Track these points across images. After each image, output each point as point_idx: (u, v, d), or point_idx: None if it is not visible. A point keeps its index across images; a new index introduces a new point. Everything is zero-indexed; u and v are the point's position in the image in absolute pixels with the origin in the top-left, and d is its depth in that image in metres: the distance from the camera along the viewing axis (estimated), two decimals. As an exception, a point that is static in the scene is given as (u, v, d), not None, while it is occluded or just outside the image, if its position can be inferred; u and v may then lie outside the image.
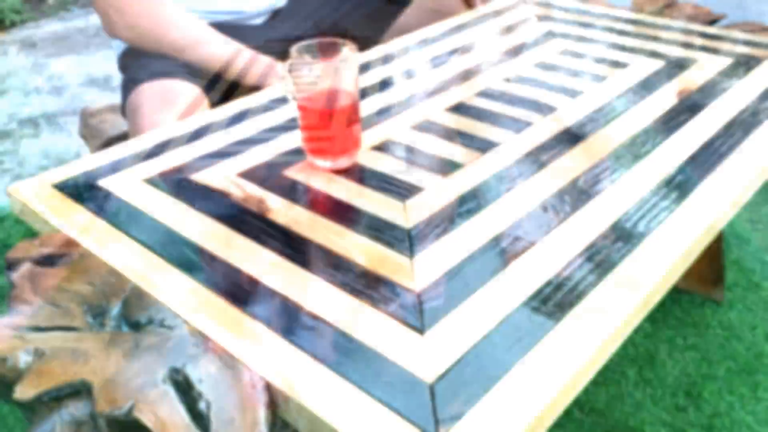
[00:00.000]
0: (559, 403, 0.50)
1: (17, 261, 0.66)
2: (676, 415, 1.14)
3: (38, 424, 0.51)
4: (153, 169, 0.79)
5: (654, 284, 0.59)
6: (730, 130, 0.84)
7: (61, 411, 0.52)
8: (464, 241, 0.65)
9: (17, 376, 0.54)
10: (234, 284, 0.60)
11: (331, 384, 0.49)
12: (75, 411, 0.52)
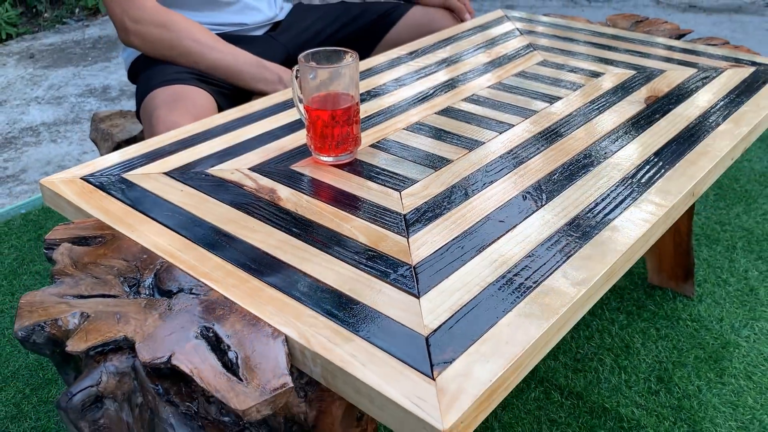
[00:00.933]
0: (531, 356, 0.58)
1: (55, 242, 0.74)
2: (649, 398, 1.23)
3: (87, 375, 0.59)
4: (172, 164, 0.88)
5: (615, 261, 0.68)
6: (691, 130, 0.94)
7: (106, 364, 0.60)
8: (453, 224, 0.74)
9: (66, 335, 0.62)
10: (252, 259, 0.68)
11: (342, 337, 0.58)
12: (118, 364, 0.60)
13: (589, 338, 1.37)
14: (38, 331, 0.62)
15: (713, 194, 1.87)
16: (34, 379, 1.30)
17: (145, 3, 1.16)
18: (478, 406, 0.53)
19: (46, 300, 0.64)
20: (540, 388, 1.25)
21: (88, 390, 0.58)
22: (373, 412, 0.55)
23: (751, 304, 1.45)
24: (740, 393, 1.24)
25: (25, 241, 1.73)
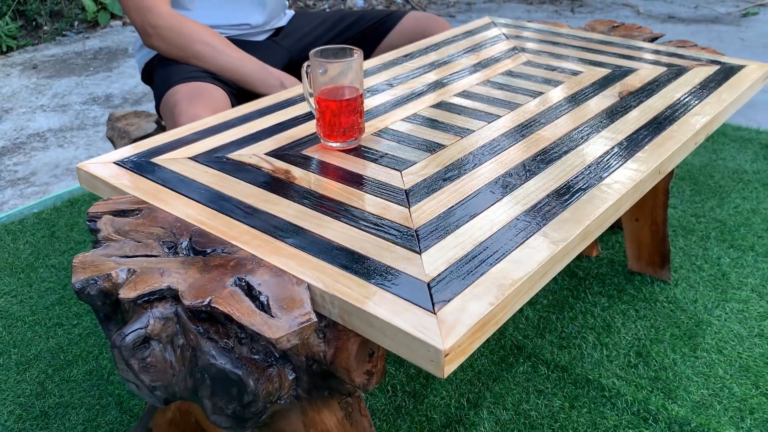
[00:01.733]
0: (516, 297, 0.69)
1: (97, 215, 0.84)
2: (628, 370, 1.33)
3: (136, 319, 0.69)
4: (195, 150, 0.98)
5: (588, 224, 0.79)
6: (658, 120, 1.05)
7: (153, 310, 0.69)
8: (448, 196, 0.84)
9: (115, 288, 0.71)
10: (273, 226, 0.78)
11: (356, 284, 0.68)
12: (163, 310, 0.69)
13: (573, 319, 1.47)
14: (92, 284, 0.71)
15: (689, 190, 1.98)
16: (55, 360, 1.39)
17: (161, 10, 1.27)
18: (472, 335, 0.63)
19: (96, 260, 0.74)
20: (528, 362, 1.35)
21: (137, 332, 0.68)
22: (384, 343, 0.64)
23: (723, 287, 1.56)
24: (712, 365, 1.34)
25: (39, 238, 1.81)
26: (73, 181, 2.14)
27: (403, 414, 1.24)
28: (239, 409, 0.66)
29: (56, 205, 1.97)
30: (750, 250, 1.70)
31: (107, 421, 1.25)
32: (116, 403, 1.29)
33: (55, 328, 1.48)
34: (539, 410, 1.24)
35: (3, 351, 1.42)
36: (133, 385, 0.71)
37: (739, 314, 1.48)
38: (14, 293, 1.60)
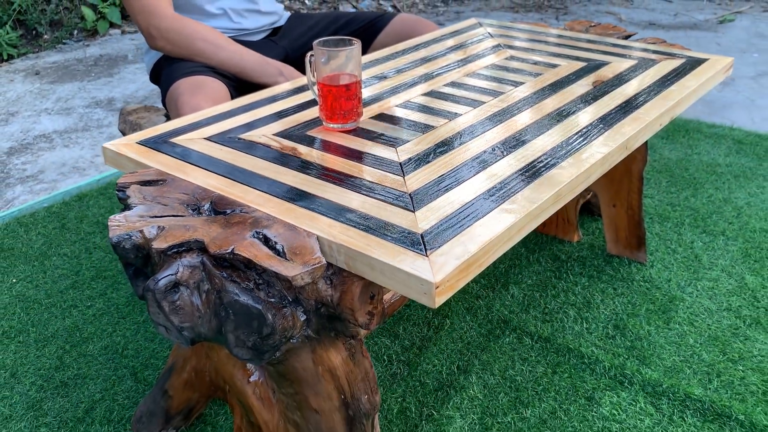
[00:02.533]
0: (497, 245, 0.79)
1: (125, 185, 0.94)
2: (606, 341, 1.44)
3: (167, 267, 0.79)
4: (209, 132, 1.08)
5: (560, 188, 0.89)
6: (629, 104, 1.17)
7: (181, 259, 0.79)
8: (438, 168, 0.95)
9: (147, 243, 0.81)
10: (284, 191, 0.89)
11: (359, 235, 0.78)
12: (191, 260, 0.80)
13: (555, 296, 1.58)
14: (126, 239, 0.81)
15: (666, 181, 2.10)
16: (72, 338, 1.48)
17: (165, 13, 1.37)
18: (458, 273, 0.74)
19: (128, 219, 0.84)
20: (513, 334, 1.46)
21: (168, 278, 0.78)
22: (385, 282, 0.75)
23: (695, 268, 1.68)
24: (683, 335, 1.45)
25: (51, 230, 1.91)
26: (80, 178, 2.23)
27: (399, 380, 1.34)
28: (259, 342, 0.77)
29: (65, 200, 2.07)
30: (721, 234, 1.82)
31: (123, 390, 1.34)
32: (131, 374, 1.38)
33: (70, 310, 1.58)
34: (524, 376, 1.35)
35: (22, 330, 1.51)
36: (163, 327, 0.81)
37: (709, 291, 1.59)
38: (29, 279, 1.69)
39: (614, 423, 1.24)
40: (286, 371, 0.85)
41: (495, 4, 4.42)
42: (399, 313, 1.54)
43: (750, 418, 1.24)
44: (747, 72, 3.08)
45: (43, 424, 1.27)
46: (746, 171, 2.16)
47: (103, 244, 1.83)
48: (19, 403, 1.32)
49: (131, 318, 1.54)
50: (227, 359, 0.94)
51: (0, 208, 2.06)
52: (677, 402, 1.28)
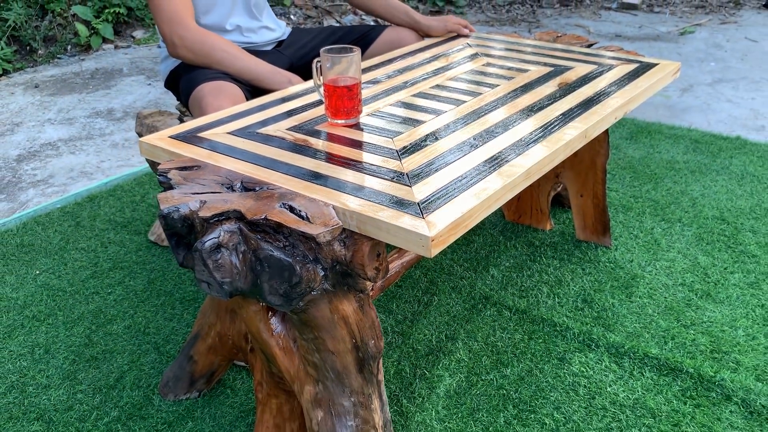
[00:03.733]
0: (479, 210, 0.98)
1: (165, 170, 1.11)
2: (576, 312, 1.63)
3: (211, 232, 0.96)
4: (231, 128, 1.26)
5: (528, 168, 1.08)
6: (589, 101, 1.37)
7: (222, 226, 0.97)
8: (429, 154, 1.14)
9: (192, 214, 0.99)
10: (302, 173, 1.07)
11: (367, 203, 0.96)
12: (230, 226, 0.97)
13: (530, 276, 1.77)
14: (174, 211, 0.98)
15: (629, 177, 2.31)
16: (97, 319, 1.64)
17: (189, 25, 1.55)
18: (449, 230, 0.92)
19: (174, 196, 1.01)
20: (494, 308, 1.64)
21: (212, 240, 0.95)
22: (389, 239, 0.93)
23: (654, 250, 1.88)
24: (643, 306, 1.65)
25: (66, 227, 2.06)
26: (88, 182, 2.38)
27: (394, 347, 1.52)
28: (288, 289, 0.94)
29: (77, 201, 2.22)
30: (678, 222, 2.02)
31: (148, 362, 1.50)
32: (154, 348, 1.54)
33: (92, 296, 1.73)
34: (504, 342, 1.53)
35: (50, 314, 1.67)
36: (205, 284, 0.98)
37: (666, 269, 1.80)
38: (51, 270, 1.85)
39: (583, 378, 1.43)
40: (307, 319, 1.02)
41: (471, 18, 4.65)
42: (392, 292, 1.72)
43: (698, 371, 1.44)
44: (704, 79, 3.33)
45: (78, 391, 1.42)
46: (701, 167, 2.38)
47: (118, 239, 1.99)
48: (55, 374, 1.47)
49: (150, 302, 1.70)
50: (255, 315, 1.11)
51: (16, 210, 2.21)
52: (637, 360, 1.47)
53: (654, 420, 1.33)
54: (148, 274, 1.81)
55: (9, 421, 1.36)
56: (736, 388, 1.39)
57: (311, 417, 1.08)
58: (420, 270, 1.80)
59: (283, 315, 1.10)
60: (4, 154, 2.63)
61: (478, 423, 1.32)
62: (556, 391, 1.40)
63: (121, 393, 1.41)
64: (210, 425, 1.33)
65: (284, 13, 4.75)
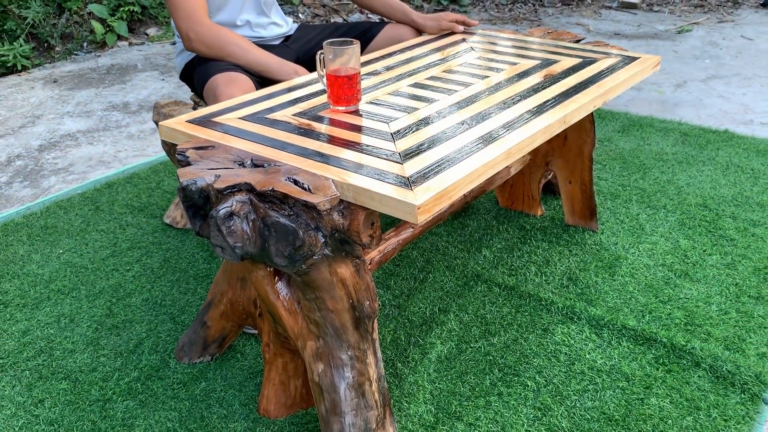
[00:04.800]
0: (462, 185, 1.10)
1: (184, 149, 1.24)
2: (561, 289, 1.75)
3: (224, 202, 1.09)
4: (242, 113, 1.39)
5: (513, 145, 1.21)
6: (570, 91, 1.49)
7: (234, 197, 1.09)
8: (420, 136, 1.26)
9: (208, 187, 1.11)
10: (305, 153, 1.19)
11: (363, 177, 1.09)
12: (241, 197, 1.10)
13: (520, 257, 1.89)
14: (192, 183, 1.11)
15: (619, 167, 2.43)
16: (117, 293, 1.77)
17: (203, 22, 1.68)
18: (433, 201, 1.04)
19: (192, 170, 1.14)
20: (484, 285, 1.77)
21: (225, 209, 1.08)
22: (381, 208, 1.05)
23: (638, 234, 2.00)
24: (625, 285, 1.77)
25: (87, 211, 2.20)
26: (106, 170, 2.52)
27: (391, 319, 1.65)
28: (292, 252, 1.07)
29: (96, 187, 2.36)
30: (663, 208, 2.14)
31: (165, 330, 1.63)
32: (170, 318, 1.67)
33: (112, 272, 1.87)
34: (492, 314, 1.66)
35: (74, 288, 1.80)
36: (219, 248, 1.11)
37: (649, 252, 1.91)
38: (74, 250, 1.98)
39: (564, 347, 1.55)
40: (310, 281, 1.15)
41: (475, 17, 4.77)
42: (390, 270, 1.84)
43: (671, 341, 1.55)
44: (698, 76, 3.43)
45: (101, 355, 1.56)
46: (689, 158, 2.49)
47: (135, 221, 2.12)
48: (79, 341, 1.61)
49: (165, 278, 1.83)
50: (263, 279, 1.24)
51: (39, 195, 2.34)
52: (615, 331, 1.59)
53: (628, 383, 1.45)
54: (163, 253, 1.95)
55: (39, 380, 1.49)
56: (705, 356, 1.51)
57: (313, 369, 1.21)
58: (417, 251, 1.93)
59: (288, 279, 1.23)
60: (27, 144, 2.77)
61: (466, 384, 1.45)
62: (539, 358, 1.52)
63: (140, 357, 1.55)
64: (221, 385, 1.46)
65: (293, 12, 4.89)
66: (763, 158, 2.48)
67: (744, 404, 1.39)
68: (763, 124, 2.81)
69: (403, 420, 1.36)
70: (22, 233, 2.08)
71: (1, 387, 1.47)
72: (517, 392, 1.42)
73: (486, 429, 1.34)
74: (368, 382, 1.21)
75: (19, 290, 1.80)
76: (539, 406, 1.39)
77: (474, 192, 1.80)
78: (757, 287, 1.75)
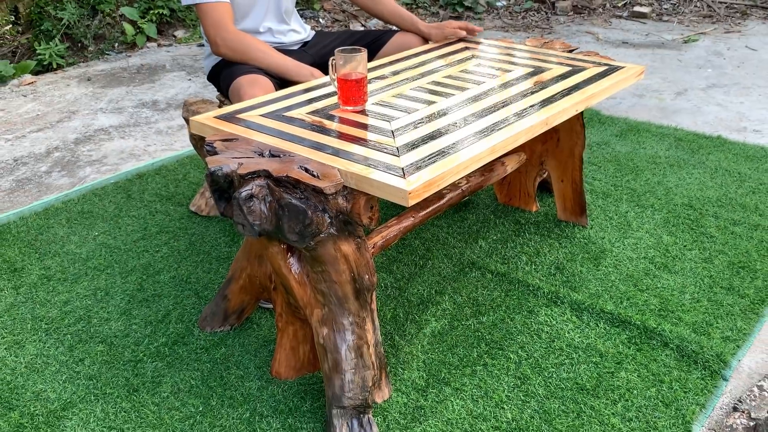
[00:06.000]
0: (447, 175, 1.28)
1: (212, 141, 1.43)
2: (549, 277, 1.92)
3: (245, 186, 1.27)
4: (263, 111, 1.58)
5: (502, 140, 1.38)
6: (556, 96, 1.66)
7: (254, 181, 1.28)
8: (418, 133, 1.44)
9: (232, 173, 1.30)
10: (316, 147, 1.38)
11: (364, 167, 1.27)
12: (260, 182, 1.28)
13: (513, 248, 2.06)
14: (219, 169, 1.30)
15: (613, 169, 2.59)
16: (147, 271, 1.97)
17: (229, 29, 1.87)
18: (424, 187, 1.22)
19: (218, 159, 1.33)
20: (478, 272, 1.94)
21: (247, 191, 1.27)
22: (378, 193, 1.24)
23: (625, 230, 2.16)
24: (608, 274, 1.93)
25: (119, 199, 2.41)
26: (137, 162, 2.73)
27: (392, 299, 1.83)
28: (302, 229, 1.25)
29: (128, 177, 2.57)
30: (650, 207, 2.30)
31: (190, 304, 1.83)
32: (194, 293, 1.87)
33: (143, 253, 2.07)
34: (483, 297, 1.83)
35: (108, 265, 2.00)
36: (241, 225, 1.30)
37: (633, 246, 2.08)
38: (108, 233, 2.19)
39: (546, 326, 1.72)
40: (317, 256, 1.33)
41: (488, 24, 4.94)
42: (393, 257, 2.02)
43: (644, 324, 1.72)
44: (699, 84, 3.58)
45: (133, 323, 1.76)
46: (680, 161, 2.65)
47: (163, 209, 2.33)
48: (114, 311, 1.81)
49: (191, 259, 2.03)
50: (277, 255, 1.42)
51: (76, 184, 2.56)
52: (594, 315, 1.76)
53: (601, 359, 1.61)
54: (189, 237, 2.15)
55: (79, 343, 1.69)
56: (674, 337, 1.67)
57: (318, 333, 1.39)
58: (419, 240, 2.11)
59: (299, 255, 1.41)
60: (64, 137, 2.99)
61: (455, 355, 1.62)
62: (523, 335, 1.69)
63: (168, 326, 1.74)
64: (239, 350, 1.65)
65: (314, 17, 5.09)
66: (751, 163, 2.62)
67: (704, 379, 1.56)
68: (756, 132, 2.95)
69: (397, 383, 1.54)
70: (62, 217, 2.29)
71: (47, 348, 1.68)
72: (501, 363, 1.60)
73: (471, 393, 1.51)
74: (366, 346, 1.39)
75: (60, 266, 2.01)
76: (519, 375, 1.57)
77: (471, 187, 1.98)
78: (730, 279, 1.91)
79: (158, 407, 1.49)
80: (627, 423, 1.44)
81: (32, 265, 2.01)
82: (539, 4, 5.29)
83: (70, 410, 1.49)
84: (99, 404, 1.50)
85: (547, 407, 1.48)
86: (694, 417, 1.46)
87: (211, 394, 1.52)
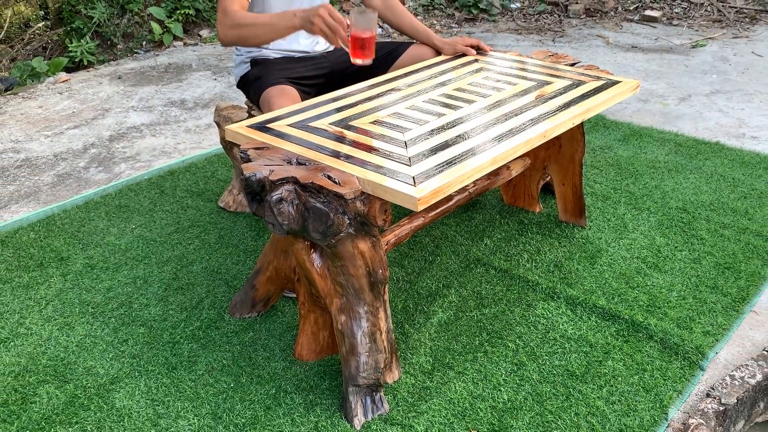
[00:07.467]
0: (454, 183, 1.46)
1: (245, 149, 1.61)
2: (548, 274, 2.09)
3: (275, 191, 1.46)
4: (290, 121, 1.76)
5: (509, 149, 1.56)
6: (556, 110, 1.82)
7: (284, 186, 1.46)
8: (429, 143, 1.62)
9: (265, 178, 1.49)
10: (337, 155, 1.56)
11: (379, 176, 1.45)
12: (289, 187, 1.47)
13: (515, 246, 2.24)
14: (253, 175, 1.49)
15: (614, 172, 2.75)
16: (181, 262, 2.17)
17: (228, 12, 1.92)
18: (432, 194, 1.40)
19: (252, 165, 1.52)
20: (482, 267, 2.12)
21: (277, 195, 1.45)
22: (392, 199, 1.42)
23: (621, 231, 2.32)
24: (602, 272, 2.10)
25: (153, 194, 2.60)
26: (168, 159, 2.93)
27: (403, 291, 2.01)
28: (325, 229, 1.44)
29: (160, 174, 2.77)
30: (647, 210, 2.46)
31: (221, 292, 2.02)
32: (225, 283, 2.06)
33: (176, 245, 2.26)
34: (486, 291, 2.01)
35: (146, 257, 2.20)
36: (271, 224, 1.49)
37: (628, 246, 2.24)
38: (144, 225, 2.39)
39: (543, 319, 1.90)
40: (337, 252, 1.52)
41: (502, 26, 5.09)
42: (405, 252, 2.20)
43: (632, 318, 1.89)
44: (703, 90, 3.72)
45: (170, 309, 1.95)
46: (678, 166, 2.80)
47: (194, 204, 2.52)
48: (152, 297, 2.00)
49: (221, 251, 2.22)
50: (301, 250, 1.61)
51: (112, 179, 2.76)
52: (587, 309, 1.93)
53: (591, 348, 1.79)
54: (218, 231, 2.34)
55: (122, 325, 1.89)
56: (659, 330, 1.84)
57: (337, 320, 1.58)
58: (429, 237, 2.29)
59: (320, 251, 1.60)
60: (99, 134, 3.20)
61: (459, 343, 1.80)
62: (521, 326, 1.87)
63: (201, 312, 1.94)
64: (265, 335, 1.84)
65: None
66: (746, 169, 2.77)
67: (683, 369, 1.73)
68: (753, 138, 3.09)
69: (406, 366, 1.73)
70: (101, 210, 2.49)
71: (94, 329, 1.88)
72: (500, 351, 1.78)
73: (471, 376, 1.70)
74: (379, 332, 1.57)
75: (102, 256, 2.21)
76: (516, 362, 1.75)
77: (478, 189, 2.15)
78: (715, 279, 2.07)
79: (195, 383, 1.69)
80: (611, 406, 1.62)
81: (77, 255, 2.22)
82: (552, 6, 5.43)
83: (117, 384, 1.69)
84: (143, 380, 1.70)
85: (540, 390, 1.66)
86: (671, 402, 1.63)
87: (241, 373, 1.72)
